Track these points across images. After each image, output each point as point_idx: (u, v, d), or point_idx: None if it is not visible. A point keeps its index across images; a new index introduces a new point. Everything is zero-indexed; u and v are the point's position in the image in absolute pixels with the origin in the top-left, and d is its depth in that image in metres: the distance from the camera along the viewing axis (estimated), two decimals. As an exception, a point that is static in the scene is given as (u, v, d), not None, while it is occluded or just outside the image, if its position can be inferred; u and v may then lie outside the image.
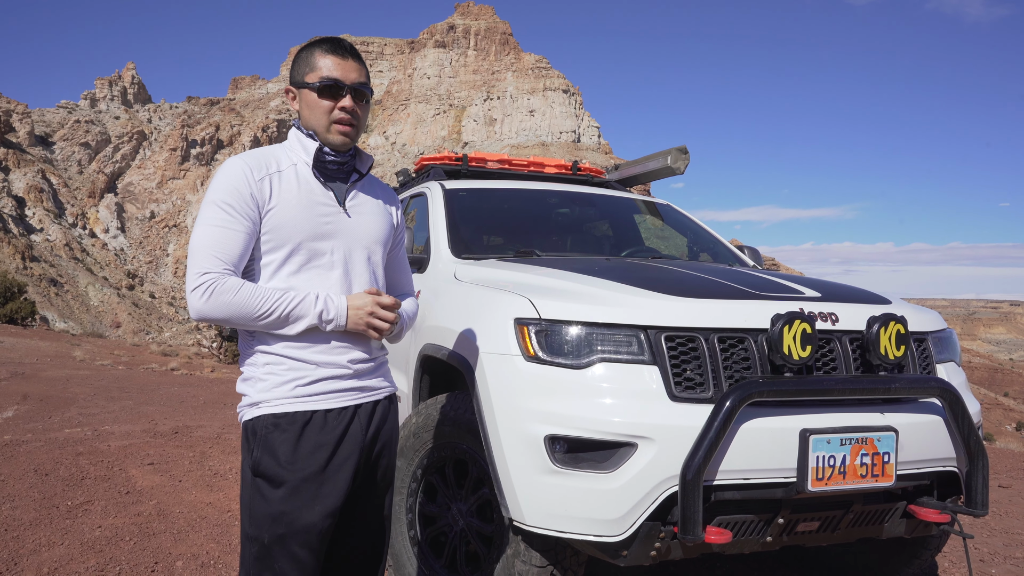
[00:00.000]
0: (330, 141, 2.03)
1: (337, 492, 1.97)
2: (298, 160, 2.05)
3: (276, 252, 1.99)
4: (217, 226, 1.93)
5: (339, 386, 2.02)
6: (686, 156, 4.91)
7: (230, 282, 1.90)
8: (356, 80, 2.01)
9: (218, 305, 1.90)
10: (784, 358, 2.45)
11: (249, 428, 2.00)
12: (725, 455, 2.33)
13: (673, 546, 2.43)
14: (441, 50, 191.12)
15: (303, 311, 1.93)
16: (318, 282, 2.01)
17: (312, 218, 2.00)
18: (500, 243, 4.22)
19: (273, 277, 1.99)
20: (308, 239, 1.99)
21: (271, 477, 1.94)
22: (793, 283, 2.95)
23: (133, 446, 6.16)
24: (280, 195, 1.98)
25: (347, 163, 2.09)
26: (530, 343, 2.52)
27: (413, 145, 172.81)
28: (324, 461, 1.96)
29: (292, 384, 1.97)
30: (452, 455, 2.94)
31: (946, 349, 2.98)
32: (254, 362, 2.02)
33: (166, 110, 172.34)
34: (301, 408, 1.97)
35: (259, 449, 1.96)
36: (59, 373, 11.61)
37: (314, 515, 1.93)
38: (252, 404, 2.00)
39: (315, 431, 1.97)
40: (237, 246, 1.94)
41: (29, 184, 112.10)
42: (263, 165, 2.00)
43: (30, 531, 3.97)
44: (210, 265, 1.90)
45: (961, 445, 2.62)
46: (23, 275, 79.86)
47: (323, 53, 2.02)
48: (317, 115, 2.01)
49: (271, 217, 1.97)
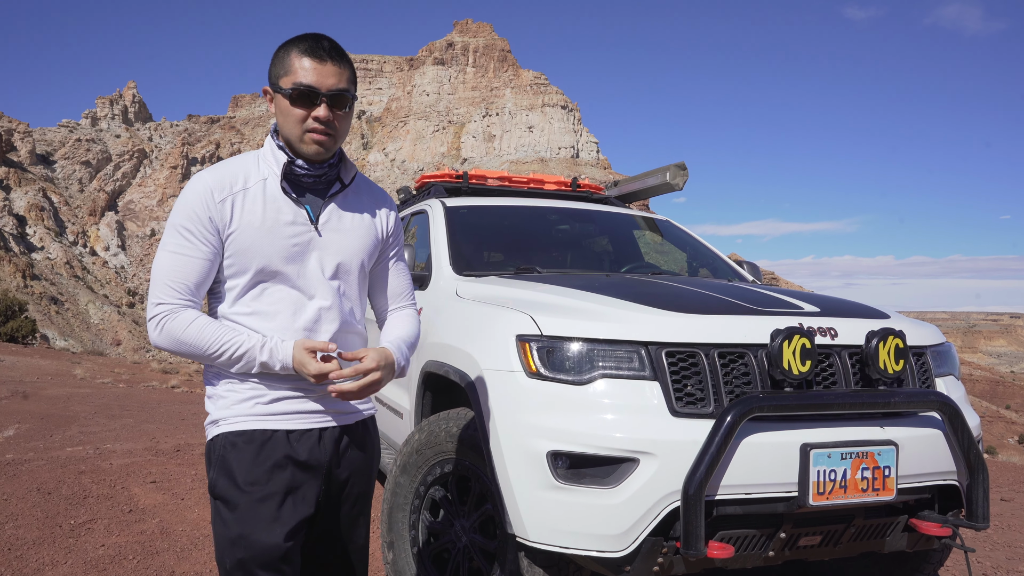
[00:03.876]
0: (303, 152, 1.87)
1: (296, 515, 1.86)
2: (269, 174, 1.90)
3: (239, 277, 1.87)
4: (175, 252, 1.84)
5: (303, 407, 1.91)
6: (684, 172, 4.95)
7: (182, 317, 1.82)
8: (334, 86, 1.82)
9: (170, 340, 1.82)
10: (784, 373, 2.47)
11: (209, 447, 1.92)
12: (726, 470, 2.35)
13: (676, 561, 2.44)
14: (440, 67, 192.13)
15: (249, 358, 1.83)
16: (285, 307, 1.88)
17: (276, 241, 1.86)
18: (501, 260, 4.25)
19: (237, 302, 1.88)
20: (271, 263, 1.86)
21: (227, 499, 1.85)
22: (792, 298, 2.97)
23: (135, 464, 6.16)
24: (242, 217, 1.84)
25: (326, 174, 1.93)
26: (532, 359, 2.54)
27: (413, 161, 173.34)
28: (284, 482, 1.86)
29: (252, 401, 1.88)
30: (455, 471, 2.95)
31: (945, 363, 3.00)
32: (215, 378, 1.93)
33: (167, 128, 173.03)
34: (260, 427, 1.87)
35: (216, 469, 1.88)
36: (60, 391, 11.60)
37: (274, 536, 1.82)
38: (212, 422, 1.92)
39: (274, 451, 1.86)
40: (194, 273, 1.84)
41: (30, 203, 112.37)
42: (227, 184, 1.86)
43: (33, 550, 3.97)
44: (165, 295, 1.83)
45: (961, 458, 2.64)
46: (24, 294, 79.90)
47: (299, 55, 1.82)
48: (290, 123, 1.85)
49: (232, 241, 1.85)
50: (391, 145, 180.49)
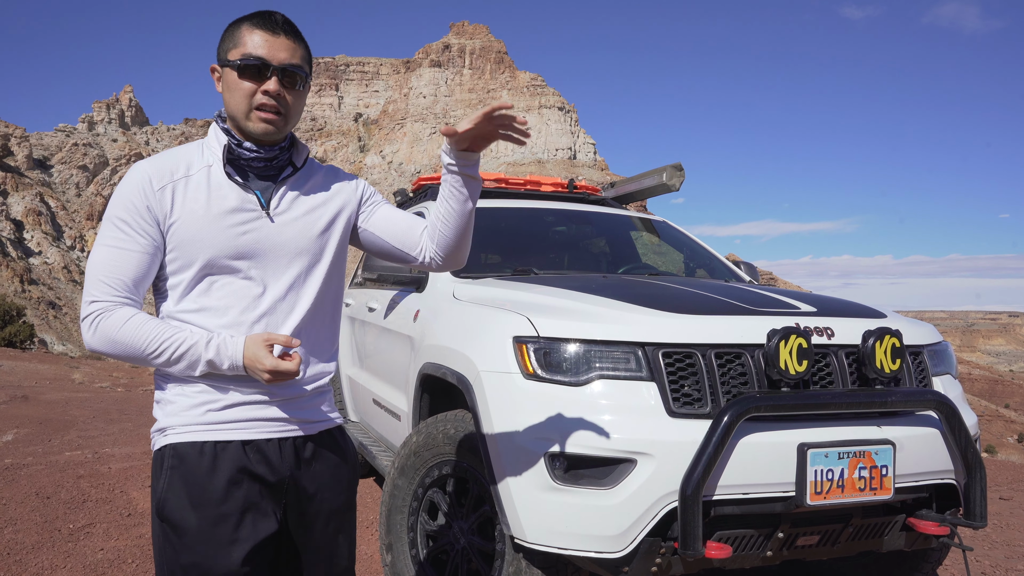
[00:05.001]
0: (250, 130, 1.71)
1: (256, 534, 1.68)
2: (214, 160, 1.75)
3: (184, 272, 1.70)
4: (110, 246, 1.68)
5: (259, 414, 1.73)
6: (681, 173, 4.95)
7: (116, 315, 1.65)
8: (286, 60, 1.70)
9: (104, 340, 1.65)
10: (781, 373, 2.47)
11: (156, 460, 1.73)
12: (724, 470, 2.35)
13: (674, 562, 2.44)
14: (436, 69, 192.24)
15: (193, 355, 1.65)
16: (236, 302, 1.72)
17: (222, 230, 1.69)
18: (498, 262, 4.25)
19: (183, 299, 1.71)
20: (220, 255, 1.70)
21: (176, 522, 1.66)
22: (789, 298, 2.98)
23: (134, 468, 6.15)
24: (184, 206, 1.69)
25: (277, 158, 1.78)
26: (529, 361, 2.55)
27: (410, 164, 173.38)
28: (240, 500, 1.68)
29: (203, 408, 1.70)
30: (453, 473, 2.95)
31: (942, 362, 3.00)
32: (164, 381, 1.75)
33: (164, 132, 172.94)
34: (212, 438, 1.69)
35: (163, 486, 1.68)
36: (58, 396, 11.59)
37: (231, 562, 1.64)
38: (159, 430, 1.73)
39: (228, 465, 1.68)
40: (131, 268, 1.67)
41: (27, 207, 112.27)
42: (167, 171, 1.71)
43: (32, 555, 3.97)
44: (99, 292, 1.66)
45: (959, 457, 2.64)
46: (22, 298, 79.81)
47: (251, 28, 1.70)
48: (237, 98, 1.70)
49: (173, 233, 1.69)
50: (388, 148, 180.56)
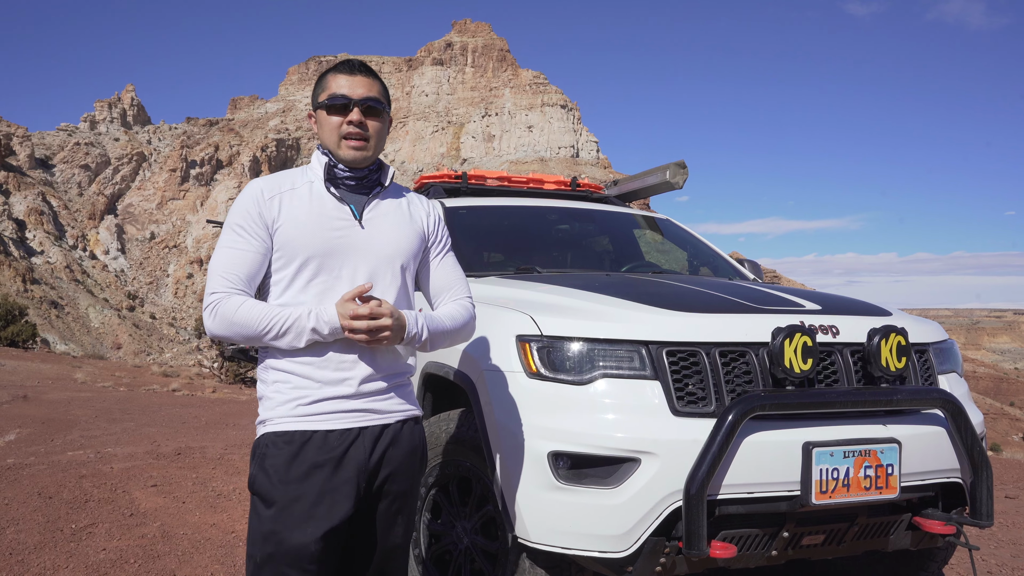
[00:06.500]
0: (342, 157, 2.05)
1: (332, 515, 1.94)
2: (315, 178, 2.09)
3: (286, 269, 2.01)
4: (228, 247, 2.01)
5: (343, 407, 2.00)
6: (684, 171, 4.93)
7: (232, 300, 1.95)
8: (364, 95, 2.04)
9: (222, 323, 1.95)
10: (785, 371, 2.46)
11: (255, 445, 2.03)
12: (728, 469, 2.33)
13: (678, 561, 2.43)
14: (439, 67, 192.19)
15: (299, 327, 1.93)
16: (329, 299, 1.99)
17: (320, 232, 2.01)
18: (501, 260, 4.24)
19: (284, 294, 2.02)
20: (317, 254, 2.00)
21: (263, 495, 1.95)
22: (793, 296, 2.96)
23: (136, 468, 6.15)
24: (289, 212, 2.02)
25: (367, 177, 2.11)
26: (532, 360, 2.53)
27: (412, 162, 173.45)
28: (319, 482, 1.94)
29: (294, 403, 1.98)
30: (456, 472, 2.94)
31: (947, 360, 2.98)
32: (265, 379, 2.05)
33: (165, 131, 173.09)
34: (300, 427, 1.97)
35: (256, 466, 1.98)
36: (61, 395, 11.61)
37: (305, 536, 1.90)
38: (260, 422, 2.04)
39: (312, 451, 1.95)
40: (246, 265, 1.99)
41: (30, 207, 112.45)
42: (276, 185, 2.06)
43: (35, 555, 3.96)
44: (218, 286, 1.97)
45: (964, 456, 2.62)
46: (24, 298, 79.92)
47: (334, 74, 2.08)
48: (328, 132, 2.05)
49: (279, 234, 2.01)
50: (390, 146, 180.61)
